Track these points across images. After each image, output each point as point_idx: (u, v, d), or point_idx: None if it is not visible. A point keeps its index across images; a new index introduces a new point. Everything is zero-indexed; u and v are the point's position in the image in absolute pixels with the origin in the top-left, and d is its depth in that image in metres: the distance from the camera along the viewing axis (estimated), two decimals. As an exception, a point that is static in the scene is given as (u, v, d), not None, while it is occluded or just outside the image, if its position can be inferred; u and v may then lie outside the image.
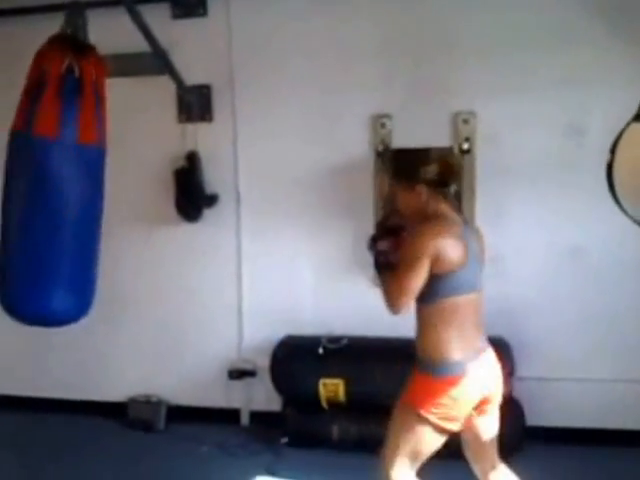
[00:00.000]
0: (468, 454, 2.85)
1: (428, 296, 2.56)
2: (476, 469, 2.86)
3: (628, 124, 2.56)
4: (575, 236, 4.00)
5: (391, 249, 2.66)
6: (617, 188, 2.58)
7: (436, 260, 2.49)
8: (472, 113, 4.09)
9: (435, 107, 4.14)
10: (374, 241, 2.73)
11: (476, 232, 2.78)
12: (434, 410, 2.56)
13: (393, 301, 2.54)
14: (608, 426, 3.92)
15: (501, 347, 3.99)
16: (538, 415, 4.05)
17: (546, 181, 3.99)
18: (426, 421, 2.57)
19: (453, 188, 2.69)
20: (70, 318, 3.34)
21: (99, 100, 3.16)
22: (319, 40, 4.26)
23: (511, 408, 4.04)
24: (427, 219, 2.60)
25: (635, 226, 2.71)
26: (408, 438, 2.61)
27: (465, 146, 4.10)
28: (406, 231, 2.67)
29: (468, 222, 2.74)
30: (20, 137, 3.11)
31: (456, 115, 4.11)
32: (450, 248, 2.51)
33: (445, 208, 2.64)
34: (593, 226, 3.93)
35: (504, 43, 4.02)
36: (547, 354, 4.09)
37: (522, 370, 4.03)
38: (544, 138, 4.02)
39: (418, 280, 2.50)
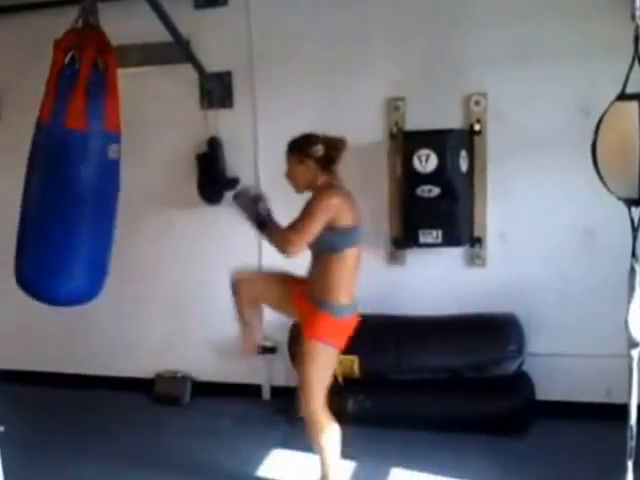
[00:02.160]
0: None
1: (332, 247, 3.15)
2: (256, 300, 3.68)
3: (612, 103, 2.58)
4: (585, 214, 4.05)
5: (270, 211, 3.26)
6: (601, 167, 2.63)
7: (336, 218, 3.09)
8: (483, 94, 4.17)
9: (447, 90, 4.23)
10: (254, 203, 3.24)
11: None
12: (334, 341, 3.23)
13: (288, 243, 3.10)
14: (617, 400, 3.96)
15: (511, 323, 4.09)
16: (548, 390, 4.14)
17: (556, 160, 4.03)
18: (330, 350, 3.23)
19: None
20: (82, 299, 3.49)
21: (112, 88, 3.32)
22: (334, 26, 4.39)
23: (522, 383, 4.15)
24: (325, 188, 3.16)
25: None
26: (318, 367, 3.22)
27: (477, 127, 4.19)
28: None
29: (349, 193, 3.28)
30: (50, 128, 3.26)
31: (468, 97, 4.20)
32: (347, 209, 3.13)
33: (333, 180, 3.23)
34: (603, 204, 3.91)
35: (516, 25, 4.08)
36: (557, 330, 4.15)
37: (532, 346, 4.11)
38: (554, 117, 4.07)
39: (316, 228, 3.08)
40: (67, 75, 3.21)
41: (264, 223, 3.23)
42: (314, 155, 3.20)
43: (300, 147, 3.25)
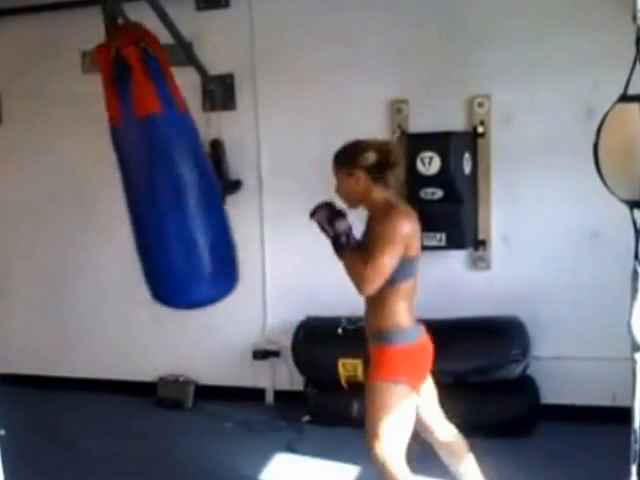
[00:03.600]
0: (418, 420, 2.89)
1: (390, 278, 2.66)
2: (426, 434, 3.04)
3: (614, 104, 2.57)
4: (590, 216, 4.02)
5: (350, 230, 2.74)
6: (602, 168, 2.61)
7: (407, 245, 2.64)
8: (487, 96, 4.14)
9: (450, 91, 4.21)
10: (330, 221, 2.75)
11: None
12: (400, 375, 2.70)
13: (365, 281, 2.62)
14: (621, 404, 3.94)
15: (516, 327, 4.07)
16: (552, 393, 4.12)
17: (560, 162, 4.01)
18: (396, 388, 2.70)
19: (395, 177, 2.76)
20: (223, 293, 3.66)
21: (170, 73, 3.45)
22: (337, 29, 4.35)
23: (526, 386, 4.13)
24: (388, 207, 2.70)
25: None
26: (384, 409, 2.71)
27: (480, 129, 4.16)
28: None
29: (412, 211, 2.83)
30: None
31: (471, 99, 4.17)
32: (414, 235, 2.69)
33: (391, 196, 2.76)
34: (608, 206, 3.91)
35: (518, 27, 4.06)
36: (562, 333, 4.13)
37: (537, 349, 4.09)
38: (559, 120, 4.04)
39: (394, 262, 2.61)
40: (153, 68, 3.29)
41: (342, 247, 2.73)
42: (364, 164, 2.72)
43: (348, 157, 2.78)
